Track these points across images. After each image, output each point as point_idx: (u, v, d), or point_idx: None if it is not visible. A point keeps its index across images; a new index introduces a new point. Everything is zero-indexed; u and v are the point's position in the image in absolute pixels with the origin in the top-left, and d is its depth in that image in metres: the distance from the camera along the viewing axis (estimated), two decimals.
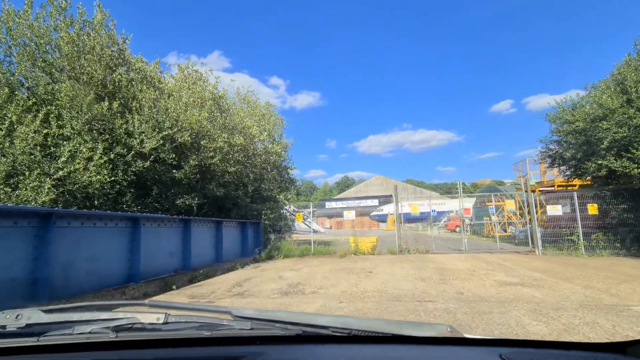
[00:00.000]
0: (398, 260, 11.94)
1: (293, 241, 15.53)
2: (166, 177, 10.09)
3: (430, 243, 14.33)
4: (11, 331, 1.03)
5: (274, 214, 15.25)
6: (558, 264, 10.20)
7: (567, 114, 13.64)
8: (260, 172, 14.34)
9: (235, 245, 12.79)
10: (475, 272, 8.97)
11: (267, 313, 1.13)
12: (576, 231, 12.95)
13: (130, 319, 1.05)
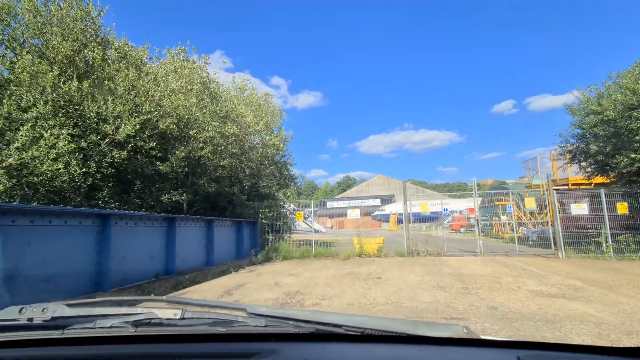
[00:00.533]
0: (408, 264, 10.74)
1: (293, 242, 14.34)
2: (149, 171, 8.93)
3: (442, 245, 13.11)
4: (38, 324, 1.05)
5: (273, 213, 14.07)
6: (590, 270, 8.97)
7: (593, 104, 12.40)
8: (257, 168, 13.16)
9: (228, 247, 11.61)
10: (500, 280, 7.76)
11: (280, 311, 1.12)
12: (603, 232, 11.72)
13: (148, 314, 1.06)
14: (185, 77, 9.61)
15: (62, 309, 1.09)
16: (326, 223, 58.90)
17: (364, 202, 61.94)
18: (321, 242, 14.95)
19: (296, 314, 1.08)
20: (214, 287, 7.99)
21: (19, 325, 1.06)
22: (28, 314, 1.06)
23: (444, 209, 13.40)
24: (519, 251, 12.64)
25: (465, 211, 32.97)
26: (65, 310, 1.09)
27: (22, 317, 1.06)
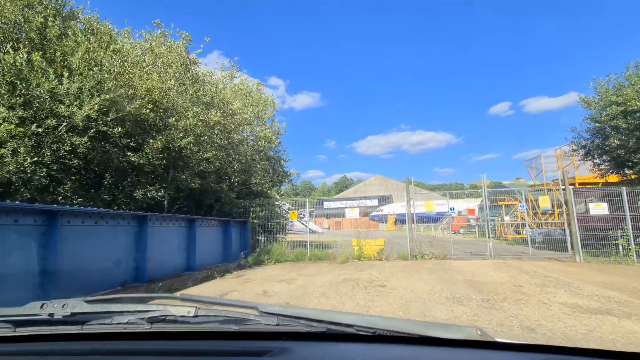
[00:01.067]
0: (413, 269, 9.62)
1: (287, 243, 13.19)
2: (121, 162, 7.75)
3: (447, 247, 12.01)
4: (58, 319, 1.07)
5: (265, 212, 12.91)
6: (620, 276, 7.89)
7: (612, 95, 11.37)
8: (247, 163, 12.00)
9: (214, 249, 10.43)
10: (524, 289, 6.65)
11: (292, 310, 1.11)
12: (624, 234, 10.68)
13: (163, 311, 1.07)
14: (163, 57, 8.43)
15: (81, 305, 1.10)
16: (323, 223, 57.80)
17: (362, 203, 60.90)
18: (317, 243, 13.80)
19: (308, 313, 1.07)
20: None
21: (40, 320, 1.08)
22: (49, 309, 1.08)
23: (451, 208, 12.29)
24: (532, 254, 11.56)
25: (465, 212, 31.97)
26: (84, 307, 1.11)
27: (43, 313, 1.08)
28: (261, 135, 10.82)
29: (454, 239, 12.44)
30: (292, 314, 1.07)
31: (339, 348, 1.01)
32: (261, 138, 11.07)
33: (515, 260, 11.21)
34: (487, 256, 11.63)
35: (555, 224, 17.69)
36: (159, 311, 1.08)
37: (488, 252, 11.63)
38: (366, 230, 12.70)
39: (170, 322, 1.06)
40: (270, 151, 14.54)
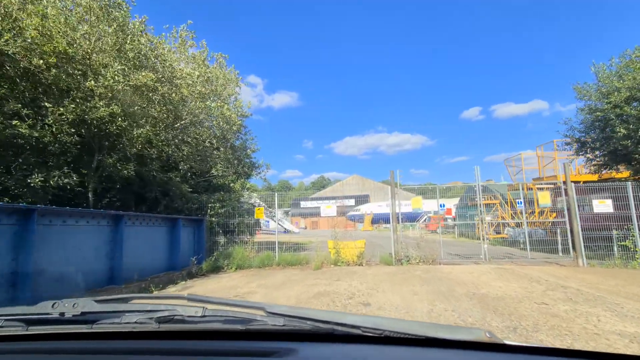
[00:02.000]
0: (401, 277, 7.87)
1: (253, 245, 11.11)
2: (5, 136, 5.44)
3: (436, 249, 10.36)
4: (69, 318, 1.07)
5: (226, 209, 10.78)
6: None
7: (615, 80, 10.16)
8: (204, 149, 9.84)
9: (155, 255, 8.23)
10: (550, 308, 5.01)
11: (299, 310, 1.10)
12: (630, 235, 9.45)
13: (171, 311, 1.08)
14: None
15: (91, 305, 1.11)
16: (300, 223, 55.80)
17: (339, 202, 59.36)
18: (291, 244, 11.82)
19: (314, 314, 1.07)
20: None
21: (51, 319, 1.09)
22: (60, 308, 1.09)
23: (441, 205, 10.69)
24: (531, 258, 10.13)
25: (442, 211, 30.96)
26: (94, 306, 1.11)
27: (54, 312, 1.09)
28: (218, 114, 8.64)
29: (441, 240, 10.89)
30: (299, 314, 1.06)
31: (345, 349, 1.00)
32: (220, 117, 8.87)
33: (512, 264, 9.74)
34: (481, 260, 10.10)
35: (536, 224, 16.63)
36: (167, 311, 1.08)
37: (483, 255, 10.11)
38: (344, 231, 10.86)
39: (178, 322, 1.06)
40: (236, 140, 12.43)
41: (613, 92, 10.14)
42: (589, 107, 11.65)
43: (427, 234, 22.75)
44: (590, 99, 11.40)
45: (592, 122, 11.62)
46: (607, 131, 11.05)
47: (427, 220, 31.46)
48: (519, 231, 17.18)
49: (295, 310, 1.08)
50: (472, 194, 26.37)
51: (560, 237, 11.37)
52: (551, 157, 20.41)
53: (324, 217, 11.71)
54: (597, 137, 11.32)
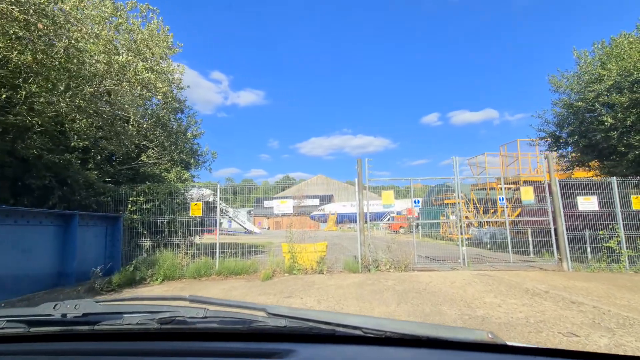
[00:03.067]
0: (371, 290, 6.11)
1: (191, 249, 8.80)
2: None
3: (408, 251, 8.75)
4: (70, 319, 1.05)
5: (154, 203, 8.44)
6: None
7: (598, 67, 9.24)
8: (122, 128, 7.43)
9: (31, 264, 5.76)
10: (581, 339, 3.48)
11: (300, 312, 1.07)
12: (614, 235, 8.50)
13: (173, 312, 1.06)
14: None
15: (92, 306, 1.10)
16: (262, 223, 53.26)
17: (302, 202, 57.53)
18: (247, 246, 9.61)
19: (316, 315, 1.05)
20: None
21: (53, 320, 1.07)
22: (62, 309, 1.07)
23: (416, 201, 9.15)
24: (513, 262, 8.85)
25: (404, 211, 30.29)
26: (96, 307, 1.10)
27: (56, 313, 1.07)
28: (142, 79, 6.21)
29: (414, 242, 9.35)
30: (301, 315, 1.05)
31: (346, 350, 0.99)
32: (144, 84, 6.41)
33: (493, 269, 8.40)
34: (459, 265, 8.66)
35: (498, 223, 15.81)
36: (169, 312, 1.06)
37: (461, 259, 8.67)
38: (301, 231, 8.94)
39: (179, 323, 1.04)
40: (171, 121, 10.05)
41: (595, 81, 9.21)
42: (564, 100, 10.78)
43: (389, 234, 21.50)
44: (569, 89, 10.50)
45: (567, 115, 10.76)
46: (585, 124, 10.19)
47: (391, 220, 30.42)
48: (483, 231, 16.27)
49: (296, 312, 1.07)
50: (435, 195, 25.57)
51: (532, 238, 10.33)
52: (514, 157, 19.97)
53: (279, 215, 9.74)
54: (575, 130, 10.42)
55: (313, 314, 1.04)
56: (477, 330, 0.93)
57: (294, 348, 0.94)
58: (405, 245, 9.31)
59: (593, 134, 9.62)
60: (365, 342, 0.98)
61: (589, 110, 9.56)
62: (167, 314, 1.04)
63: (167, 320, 1.02)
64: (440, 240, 19.28)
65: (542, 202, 9.37)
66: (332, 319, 1.00)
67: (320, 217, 49.36)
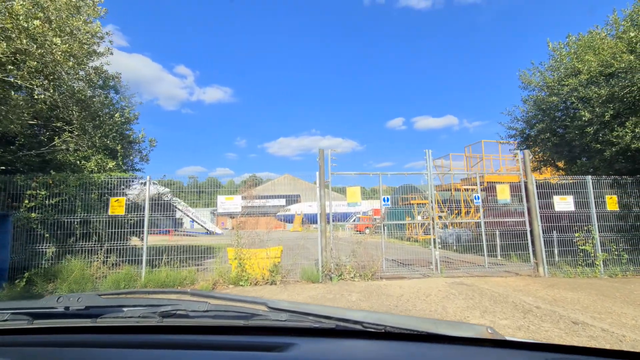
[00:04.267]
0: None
1: (120, 255, 6.97)
2: None
3: (375, 255, 7.58)
4: (73, 312, 1.05)
5: (61, 198, 6.56)
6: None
7: (574, 60, 8.68)
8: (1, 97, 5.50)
9: None
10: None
11: (301, 306, 1.07)
12: (589, 237, 7.92)
13: (175, 306, 1.05)
14: None
15: (95, 299, 1.10)
16: (225, 223, 50.64)
17: (268, 202, 55.59)
18: (191, 250, 7.88)
19: (317, 309, 1.04)
20: None
21: (56, 313, 1.07)
22: (65, 302, 1.06)
23: (385, 198, 8.00)
24: (488, 267, 7.98)
25: (370, 212, 29.70)
26: (99, 300, 1.10)
27: (59, 306, 1.07)
28: (17, 27, 4.44)
29: (383, 245, 8.22)
30: (301, 310, 1.05)
31: (347, 344, 0.98)
32: (16, 31, 4.60)
33: (469, 276, 7.47)
34: (431, 270, 7.63)
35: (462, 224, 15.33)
36: (170, 306, 1.05)
37: (434, 264, 7.64)
38: (253, 232, 7.49)
39: (181, 317, 1.04)
40: (95, 99, 8.16)
41: (571, 74, 8.65)
42: (534, 97, 10.25)
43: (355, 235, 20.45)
44: (540, 85, 9.95)
45: (538, 112, 10.22)
46: (557, 120, 9.68)
47: (357, 220, 29.60)
48: (449, 232, 15.71)
49: (297, 306, 1.07)
50: (401, 194, 25.02)
51: (500, 240, 9.67)
52: (478, 158, 19.73)
53: (224, 214, 8.23)
54: (546, 128, 9.88)
55: (314, 308, 1.04)
56: (476, 326, 0.93)
57: (295, 342, 0.92)
58: (371, 247, 8.16)
59: (566, 131, 9.08)
60: (365, 337, 0.98)
61: (562, 106, 9.01)
62: (169, 308, 1.04)
63: (169, 313, 1.02)
64: (406, 241, 18.53)
65: (518, 202, 8.68)
66: (333, 314, 1.00)
67: (286, 218, 47.77)
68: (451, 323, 0.99)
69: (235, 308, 1.05)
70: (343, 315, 0.99)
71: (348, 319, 0.98)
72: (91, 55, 6.99)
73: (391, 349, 0.93)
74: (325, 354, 0.92)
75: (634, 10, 7.89)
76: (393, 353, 0.92)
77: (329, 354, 0.93)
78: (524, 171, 8.24)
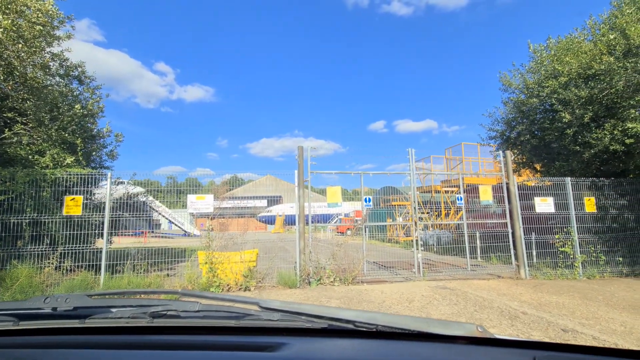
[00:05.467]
0: None
1: (81, 259, 6.24)
2: None
3: (358, 260, 7.21)
4: (61, 313, 1.02)
5: (9, 195, 5.82)
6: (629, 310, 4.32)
7: (554, 62, 8.66)
8: None
9: None
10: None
11: (293, 305, 1.05)
12: (570, 239, 7.87)
13: (165, 306, 1.03)
14: None
15: (84, 300, 1.07)
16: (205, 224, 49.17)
17: (249, 203, 54.45)
18: (164, 252, 7.17)
19: (309, 309, 1.02)
20: None
21: (43, 314, 1.04)
22: (52, 303, 1.04)
23: (367, 199, 7.64)
24: (470, 269, 7.77)
25: (352, 213, 29.51)
26: (87, 301, 1.07)
27: (46, 306, 1.04)
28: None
29: (364, 248, 7.86)
30: (293, 309, 1.03)
31: (339, 343, 0.96)
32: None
33: (452, 279, 7.22)
34: (413, 274, 7.33)
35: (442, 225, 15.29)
36: (161, 306, 1.03)
37: (416, 267, 7.34)
38: (226, 234, 6.98)
39: (172, 317, 1.02)
40: (54, 88, 7.41)
41: (551, 76, 8.63)
42: (514, 99, 10.23)
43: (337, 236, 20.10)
44: (520, 86, 9.93)
45: (518, 114, 10.21)
46: (537, 122, 9.67)
47: (339, 222, 29.31)
48: (429, 234, 15.60)
49: (289, 305, 1.05)
50: (383, 195, 24.91)
51: (480, 242, 9.58)
52: (457, 160, 19.88)
53: (198, 215, 7.68)
54: (526, 130, 9.87)
55: (306, 307, 1.03)
56: (467, 324, 0.93)
57: (287, 341, 0.91)
58: (352, 249, 7.80)
59: (545, 133, 9.06)
60: (357, 336, 0.98)
61: (542, 108, 8.99)
62: (160, 308, 1.02)
63: (159, 314, 1.01)
64: (387, 243, 18.35)
65: (497, 203, 8.57)
66: (325, 313, 1.00)
67: (267, 219, 46.92)
68: (442, 322, 0.98)
69: (227, 308, 1.05)
70: (335, 314, 0.99)
71: (340, 318, 0.98)
72: (47, 38, 6.29)
73: (383, 347, 0.93)
74: (318, 354, 0.91)
75: (612, 14, 7.93)
76: (385, 352, 0.91)
77: (321, 353, 0.92)
78: (505, 172, 8.12)
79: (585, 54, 7.62)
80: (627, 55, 7.06)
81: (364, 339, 0.97)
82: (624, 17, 7.18)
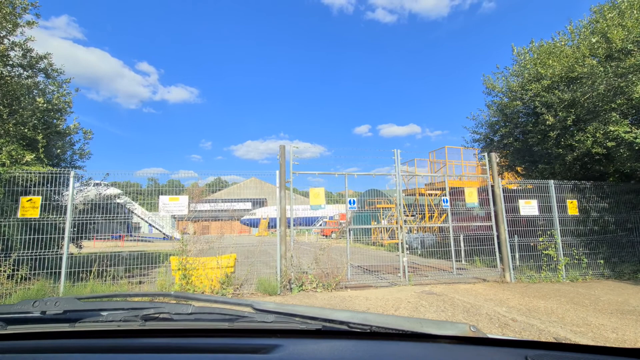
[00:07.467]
0: None
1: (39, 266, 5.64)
2: None
3: (342, 264, 6.90)
4: (50, 317, 1.00)
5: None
6: (618, 313, 4.19)
7: (537, 65, 8.66)
8: None
9: None
10: None
11: (287, 307, 1.06)
12: (554, 242, 7.82)
13: (157, 309, 1.01)
14: None
15: (73, 303, 1.04)
16: (188, 227, 47.82)
17: (231, 205, 53.42)
18: (137, 257, 6.60)
19: (303, 310, 1.02)
20: None
21: (32, 318, 1.02)
22: (41, 307, 1.01)
23: (351, 201, 7.34)
24: (458, 273, 7.59)
25: (337, 216, 29.24)
26: (77, 304, 1.04)
27: (35, 310, 1.01)
28: None
29: (348, 252, 7.55)
30: (287, 311, 1.03)
31: (333, 345, 0.94)
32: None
33: (438, 284, 7.00)
34: (399, 278, 7.07)
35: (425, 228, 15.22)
36: (153, 309, 1.01)
37: (401, 271, 7.08)
38: (202, 237, 6.54)
39: (164, 320, 1.00)
40: (13, 79, 6.80)
41: (534, 79, 8.63)
42: (498, 102, 10.24)
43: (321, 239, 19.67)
44: (504, 90, 9.93)
45: (501, 117, 10.20)
46: (520, 125, 9.67)
47: (323, 225, 28.93)
48: (413, 236, 15.47)
49: (283, 307, 1.05)
50: (368, 198, 24.76)
51: (464, 245, 9.48)
52: (442, 164, 19.95)
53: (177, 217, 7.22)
54: (510, 133, 9.86)
55: (300, 309, 1.03)
56: (460, 324, 0.94)
57: (281, 343, 0.90)
58: (336, 252, 7.49)
59: (528, 136, 9.05)
60: (352, 337, 0.98)
61: (525, 111, 8.99)
62: (152, 311, 1.00)
63: (151, 317, 0.99)
64: (372, 246, 18.13)
65: (480, 206, 8.47)
66: (319, 314, 1.00)
67: (251, 222, 46.08)
68: (435, 322, 0.97)
69: (220, 310, 1.03)
70: (329, 316, 0.99)
71: (334, 319, 0.98)
72: (3, 23, 5.71)
73: (377, 348, 0.92)
74: (312, 355, 0.89)
75: (593, 19, 7.99)
76: (379, 352, 0.90)
77: (315, 354, 0.90)
78: (490, 174, 8.01)
79: (568, 58, 7.62)
80: (609, 58, 7.09)
81: (358, 340, 0.96)
82: (605, 21, 7.22)
